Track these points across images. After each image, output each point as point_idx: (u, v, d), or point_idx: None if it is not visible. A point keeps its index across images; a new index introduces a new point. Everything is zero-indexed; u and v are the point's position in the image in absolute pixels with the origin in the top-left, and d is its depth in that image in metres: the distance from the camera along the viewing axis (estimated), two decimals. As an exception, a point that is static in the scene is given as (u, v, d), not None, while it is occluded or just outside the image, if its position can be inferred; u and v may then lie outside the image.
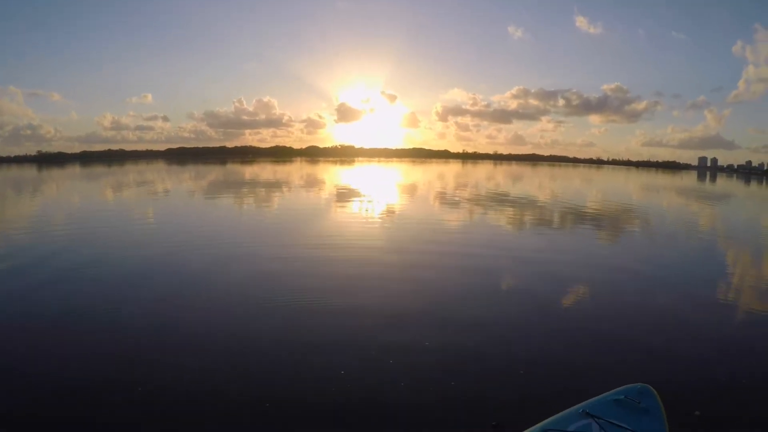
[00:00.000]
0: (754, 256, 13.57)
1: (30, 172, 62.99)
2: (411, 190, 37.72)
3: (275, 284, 9.69)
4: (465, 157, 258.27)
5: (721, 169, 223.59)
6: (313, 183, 43.27)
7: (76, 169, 56.78)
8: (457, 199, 29.26)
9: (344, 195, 31.38)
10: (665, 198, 36.38)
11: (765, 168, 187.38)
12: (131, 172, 56.99)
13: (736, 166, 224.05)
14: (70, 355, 6.24)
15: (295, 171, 66.12)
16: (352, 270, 10.80)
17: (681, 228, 19.26)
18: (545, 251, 13.52)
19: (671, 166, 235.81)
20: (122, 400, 5.11)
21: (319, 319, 7.61)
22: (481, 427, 3.18)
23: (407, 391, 5.34)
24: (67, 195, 30.31)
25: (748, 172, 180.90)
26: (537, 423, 3.45)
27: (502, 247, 14.02)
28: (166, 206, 24.06)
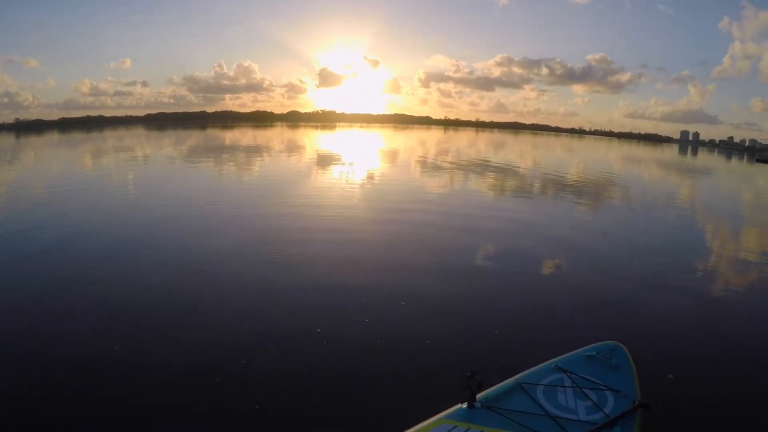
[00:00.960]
0: (732, 229, 13.76)
1: (8, 140, 61.21)
2: (392, 156, 37.76)
3: (255, 244, 9.69)
4: (447, 124, 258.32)
5: (703, 143, 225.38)
6: (295, 148, 43.16)
7: (54, 136, 55.59)
8: (438, 165, 29.40)
9: (326, 160, 31.46)
10: (646, 170, 36.64)
11: (746, 144, 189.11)
12: (111, 138, 55.88)
13: (717, 141, 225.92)
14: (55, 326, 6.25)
15: (276, 136, 65.51)
16: (331, 231, 10.83)
17: (661, 199, 19.49)
18: (523, 216, 13.66)
19: (653, 139, 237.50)
20: (103, 361, 5.10)
21: (296, 279, 7.61)
22: (455, 380, 3.13)
23: (382, 347, 5.36)
24: (50, 162, 29.63)
25: (729, 148, 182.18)
26: (511, 377, 3.49)
27: (480, 211, 14.12)
28: (149, 171, 23.72)
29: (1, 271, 7.97)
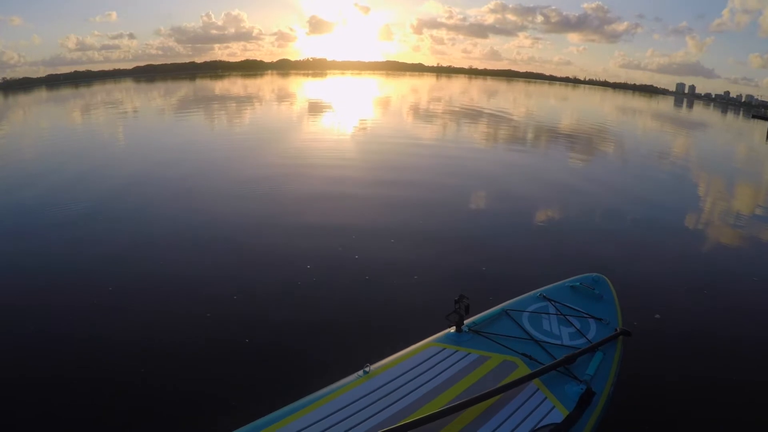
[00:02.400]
0: (724, 181, 13.65)
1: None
2: (384, 103, 37.49)
3: (248, 185, 9.84)
4: (439, 71, 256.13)
5: (699, 97, 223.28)
6: (285, 96, 42.80)
7: (43, 94, 53.97)
8: (430, 112, 29.22)
9: (317, 107, 31.44)
10: (640, 121, 36.44)
11: (743, 100, 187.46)
12: (100, 92, 54.19)
13: (714, 95, 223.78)
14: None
15: (267, 85, 64.40)
16: (321, 172, 10.97)
17: (654, 149, 19.41)
18: (513, 161, 13.87)
19: (648, 90, 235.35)
20: (99, 300, 5.30)
21: (286, 218, 7.72)
22: (442, 311, 3.21)
23: (371, 283, 5.46)
24: (40, 119, 28.78)
25: (725, 103, 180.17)
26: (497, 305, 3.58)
27: (470, 155, 14.29)
28: (142, 123, 23.25)
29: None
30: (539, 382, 2.72)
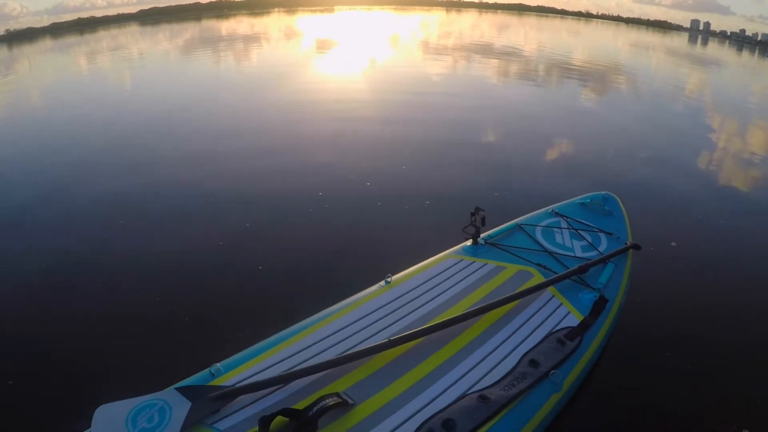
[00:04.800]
0: (743, 118, 13.14)
1: (1, 51, 57.91)
2: (396, 38, 36.97)
3: (263, 117, 9.98)
4: (449, 5, 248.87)
5: (714, 34, 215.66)
6: (295, 35, 41.85)
7: (48, 43, 52.54)
8: (441, 47, 28.72)
9: (330, 44, 30.96)
10: (654, 57, 35.58)
11: (759, 38, 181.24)
12: (105, 38, 52.31)
13: (729, 33, 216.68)
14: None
15: (275, 23, 62.48)
16: (334, 105, 11.02)
17: (669, 84, 18.95)
18: (526, 93, 13.59)
19: (662, 26, 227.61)
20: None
21: (294, 148, 7.78)
22: (456, 231, 3.37)
23: (383, 208, 5.53)
24: (47, 68, 28.10)
25: (741, 41, 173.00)
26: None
27: (481, 86, 14.30)
28: (155, 68, 22.28)
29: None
30: (554, 290, 2.85)
